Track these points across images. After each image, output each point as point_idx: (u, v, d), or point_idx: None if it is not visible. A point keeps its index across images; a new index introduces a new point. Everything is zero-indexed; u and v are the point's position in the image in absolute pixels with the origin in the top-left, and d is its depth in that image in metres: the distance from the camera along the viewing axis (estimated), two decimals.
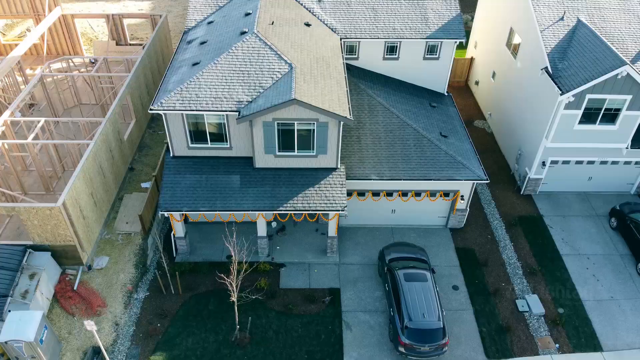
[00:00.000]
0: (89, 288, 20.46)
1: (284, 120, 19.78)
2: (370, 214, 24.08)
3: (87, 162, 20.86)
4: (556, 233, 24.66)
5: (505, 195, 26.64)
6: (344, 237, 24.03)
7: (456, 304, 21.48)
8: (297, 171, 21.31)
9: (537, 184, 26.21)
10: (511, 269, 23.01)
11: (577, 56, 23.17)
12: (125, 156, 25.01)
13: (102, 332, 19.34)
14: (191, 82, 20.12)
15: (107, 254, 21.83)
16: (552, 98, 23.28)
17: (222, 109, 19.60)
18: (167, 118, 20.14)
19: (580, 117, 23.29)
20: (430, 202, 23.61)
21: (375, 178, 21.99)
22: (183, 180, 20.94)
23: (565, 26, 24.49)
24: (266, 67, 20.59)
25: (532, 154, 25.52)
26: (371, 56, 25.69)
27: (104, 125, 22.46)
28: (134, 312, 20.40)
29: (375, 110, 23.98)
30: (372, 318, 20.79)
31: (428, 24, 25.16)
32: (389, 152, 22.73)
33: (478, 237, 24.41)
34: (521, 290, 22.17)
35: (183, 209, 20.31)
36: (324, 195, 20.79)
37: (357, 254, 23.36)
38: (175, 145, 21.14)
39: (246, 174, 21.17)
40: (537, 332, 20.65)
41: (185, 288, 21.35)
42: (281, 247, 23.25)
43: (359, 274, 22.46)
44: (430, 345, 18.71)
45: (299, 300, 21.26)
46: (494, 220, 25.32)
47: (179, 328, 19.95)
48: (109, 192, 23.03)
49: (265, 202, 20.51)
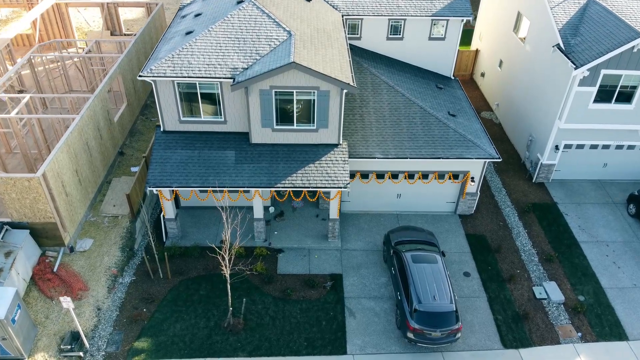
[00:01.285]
0: (70, 271, 18.86)
1: (282, 89, 18.51)
2: (374, 199, 22.61)
3: (72, 136, 19.51)
4: (572, 220, 23.14)
5: (516, 183, 25.20)
6: (346, 222, 22.52)
7: (468, 291, 19.83)
8: (297, 147, 19.93)
9: (550, 171, 24.80)
10: (526, 256, 21.43)
11: (590, 31, 22.07)
12: (115, 139, 23.69)
13: (83, 317, 17.68)
14: (183, 49, 18.93)
15: (91, 236, 20.29)
16: (565, 75, 22.08)
17: (215, 76, 18.35)
18: (158, 87, 18.87)
19: (595, 95, 22.04)
20: (439, 185, 22.17)
21: (380, 156, 20.61)
22: (173, 155, 19.56)
23: (575, 3, 23.48)
24: (263, 34, 19.44)
25: (544, 138, 24.18)
26: (374, 36, 24.60)
27: (91, 100, 21.20)
28: (118, 297, 18.75)
29: (379, 89, 22.75)
30: (378, 305, 19.13)
31: (433, 2, 24.14)
32: (394, 130, 21.40)
33: (489, 224, 22.88)
34: (538, 277, 20.55)
35: (173, 185, 18.87)
36: (325, 172, 19.37)
37: (360, 239, 21.81)
38: (166, 119, 19.82)
39: (241, 149, 19.80)
40: (557, 320, 18.97)
41: (174, 273, 19.76)
42: (279, 232, 21.71)
43: (363, 260, 20.87)
44: (442, 330, 17.02)
45: (297, 285, 19.64)
46: (506, 207, 23.83)
47: (166, 313, 18.29)
48: (95, 173, 21.62)
49: (262, 178, 19.09)
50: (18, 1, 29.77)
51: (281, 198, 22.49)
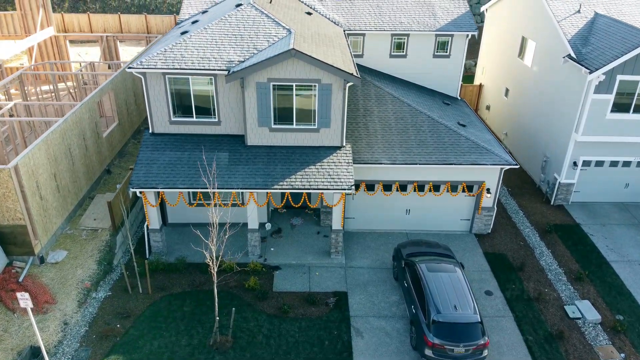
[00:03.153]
0: (38, 282, 16.54)
1: (280, 82, 17.26)
2: (381, 216, 20.64)
3: (53, 136, 17.99)
4: (599, 240, 21.02)
5: (533, 206, 23.31)
6: (351, 241, 20.39)
7: (492, 310, 17.35)
8: (296, 149, 18.35)
9: (569, 192, 23.00)
10: (553, 275, 19.12)
11: (601, 40, 21.27)
12: (102, 155, 22.13)
13: (46, 331, 15.15)
14: (177, 44, 17.93)
15: (66, 248, 18.13)
16: (579, 84, 20.98)
17: (209, 68, 17.17)
18: (147, 82, 17.62)
19: (613, 104, 20.80)
20: (451, 199, 20.29)
21: (387, 162, 18.95)
22: (161, 157, 17.92)
23: (582, 18, 22.93)
24: (262, 31, 18.53)
25: (560, 156, 22.64)
26: (377, 53, 23.84)
27: (78, 107, 19.91)
28: (89, 312, 16.29)
29: (383, 99, 21.56)
30: (389, 324, 16.62)
31: (437, 19, 23.64)
32: (401, 137, 19.93)
33: (508, 243, 20.74)
34: (568, 296, 18.14)
35: (158, 186, 17.06)
36: (327, 174, 17.64)
37: (366, 257, 19.59)
38: (155, 120, 18.40)
39: (236, 151, 18.20)
40: (595, 340, 16.37)
41: (156, 288, 17.41)
42: (276, 249, 19.54)
43: (370, 278, 18.56)
44: (465, 345, 14.49)
45: (296, 302, 17.21)
46: (525, 227, 21.78)
47: (143, 329, 15.75)
48: (77, 185, 19.84)
49: (257, 179, 17.32)
50: (16, 33, 29.52)
51: (279, 204, 20.51)
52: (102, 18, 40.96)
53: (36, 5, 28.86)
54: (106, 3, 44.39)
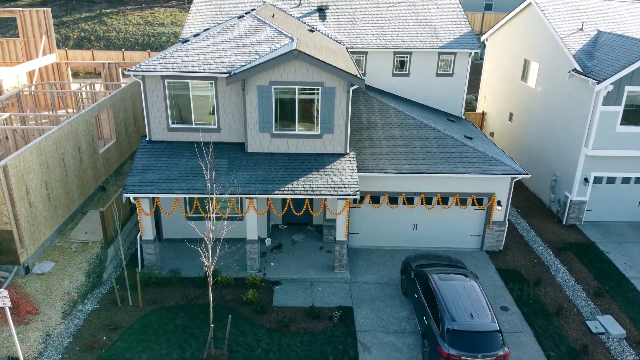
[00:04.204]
0: (21, 292, 15.39)
1: (282, 85, 16.81)
2: (387, 231, 19.67)
3: (46, 142, 17.34)
4: (616, 258, 19.94)
5: (544, 225, 22.35)
6: (356, 257, 19.33)
7: (509, 326, 16.10)
8: (298, 156, 17.67)
9: (581, 210, 22.12)
10: (571, 292, 17.95)
11: (606, 53, 21.08)
12: (97, 171, 21.41)
13: (26, 342, 13.88)
14: (177, 50, 17.63)
15: (54, 260, 17.07)
16: (587, 97, 20.59)
17: (210, 71, 16.76)
18: (146, 87, 17.17)
19: (622, 116, 20.32)
20: (461, 213, 19.40)
21: (392, 171, 18.22)
22: (158, 163, 17.21)
23: (585, 35, 22.87)
24: (264, 39, 18.29)
25: (570, 172, 21.93)
26: (379, 71, 23.60)
27: (75, 117, 19.40)
28: (74, 324, 15.04)
29: (387, 113, 21.10)
30: (399, 339, 15.34)
31: (439, 38, 23.59)
32: (406, 148, 19.29)
33: (522, 260, 19.66)
34: (589, 312, 16.92)
35: (154, 192, 16.24)
36: (331, 180, 16.87)
37: (372, 272, 18.48)
38: (153, 126, 17.81)
39: (236, 158, 17.51)
40: (621, 355, 15.08)
41: (148, 302, 16.23)
42: (276, 263, 18.46)
43: (377, 293, 17.39)
44: (484, 355, 13.23)
45: (297, 316, 15.98)
46: (538, 246, 20.74)
47: (131, 342, 14.47)
48: (69, 197, 19.00)
49: (257, 185, 16.53)
50: (18, 60, 29.53)
51: (280, 212, 19.53)
52: (105, 54, 41.40)
53: (39, 32, 29.04)
54: (110, 41, 45.04)
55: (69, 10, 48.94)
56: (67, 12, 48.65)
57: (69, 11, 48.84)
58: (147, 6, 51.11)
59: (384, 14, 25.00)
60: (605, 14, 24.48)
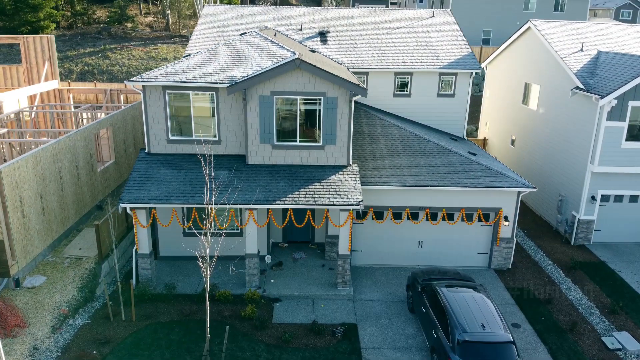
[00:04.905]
0: (9, 304, 14.67)
1: (284, 95, 16.66)
2: (391, 249, 19.07)
3: (43, 153, 17.01)
4: (628, 277, 19.25)
5: (552, 246, 21.72)
6: (360, 274, 18.64)
7: (522, 343, 15.27)
8: (300, 168, 17.31)
9: (590, 230, 21.57)
10: (584, 309, 17.20)
11: (608, 70, 21.09)
12: (95, 189, 20.98)
13: (13, 355, 13.09)
14: (179, 62, 17.58)
15: (45, 274, 16.40)
16: (591, 114, 20.44)
17: (211, 81, 16.63)
18: (147, 97, 16.99)
19: (627, 131, 20.12)
20: (467, 229, 18.85)
21: (396, 184, 17.82)
22: (156, 174, 16.81)
23: (586, 55, 22.98)
24: (266, 53, 18.26)
25: (577, 191, 21.52)
26: (381, 92, 23.56)
27: (73, 132, 19.16)
28: (64, 338, 14.25)
29: (389, 130, 20.88)
30: (406, 356, 14.53)
31: (439, 59, 23.70)
32: (410, 162, 18.96)
33: (532, 279, 18.96)
34: (604, 329, 16.14)
35: (151, 202, 15.78)
36: (334, 190, 16.44)
37: (377, 290, 17.77)
38: (153, 138, 17.53)
39: (236, 170, 17.13)
40: None
41: (142, 317, 15.47)
42: (277, 280, 17.77)
43: (382, 310, 16.64)
44: None
45: (299, 332, 15.20)
46: (547, 265, 20.08)
47: (122, 357, 13.65)
48: (64, 212, 18.50)
49: (257, 195, 16.08)
50: (20, 86, 29.63)
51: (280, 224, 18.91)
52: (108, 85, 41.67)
53: (42, 58, 29.27)
54: (113, 75, 45.53)
55: (73, 45, 49.73)
56: (72, 47, 49.43)
57: (74, 46, 49.63)
58: (150, 42, 52.01)
59: (384, 38, 25.23)
60: (604, 36, 24.72)
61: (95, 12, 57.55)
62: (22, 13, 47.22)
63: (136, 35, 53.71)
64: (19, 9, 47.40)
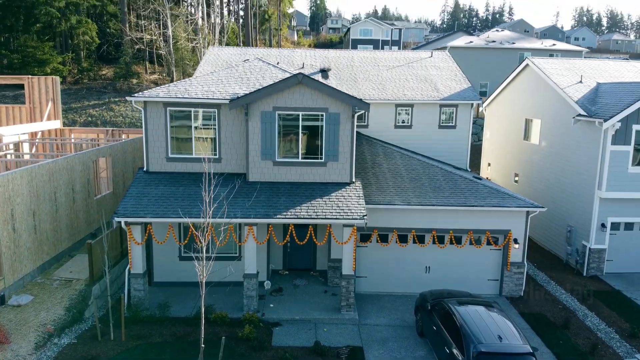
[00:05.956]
0: None
1: (286, 111, 16.54)
2: (397, 274, 18.23)
3: (39, 170, 16.63)
4: None
5: (564, 277, 20.82)
6: (365, 301, 17.67)
7: None
8: (301, 185, 16.87)
9: (602, 259, 20.78)
10: (603, 334, 16.17)
11: (609, 97, 21.18)
12: (90, 216, 20.40)
13: None
14: (181, 82, 17.62)
15: (33, 294, 15.50)
16: (595, 139, 20.28)
17: (213, 97, 16.56)
18: (147, 114, 16.85)
19: (632, 156, 19.87)
20: (476, 254, 18.11)
21: (400, 203, 17.31)
22: (154, 191, 16.34)
23: (585, 86, 23.18)
24: (268, 75, 18.37)
25: (586, 220, 20.93)
26: (382, 123, 23.54)
27: (71, 155, 18.88)
28: (47, 355, 13.19)
29: (391, 155, 20.64)
30: None
31: (440, 92, 23.89)
32: (414, 184, 18.54)
33: (546, 306, 17.99)
34: (625, 352, 15.07)
35: (147, 216, 15.21)
36: (336, 205, 15.92)
37: (383, 315, 16.77)
38: (152, 156, 17.21)
39: (236, 187, 16.66)
40: None
41: (132, 337, 14.44)
42: (276, 305, 16.81)
43: (390, 334, 15.61)
44: None
45: (301, 354, 14.13)
46: (561, 294, 19.13)
47: None
48: (57, 235, 17.83)
49: (258, 210, 15.55)
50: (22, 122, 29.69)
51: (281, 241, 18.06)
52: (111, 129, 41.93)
53: (46, 99, 29.56)
54: (116, 125, 46.00)
55: (78, 98, 50.68)
56: (77, 100, 50.36)
57: (79, 99, 50.56)
58: None
59: (384, 74, 25.60)
60: (602, 70, 25.08)
61: (102, 69, 59.15)
62: (29, 67, 48.38)
63: (141, 89, 54.86)
64: (26, 63, 48.68)
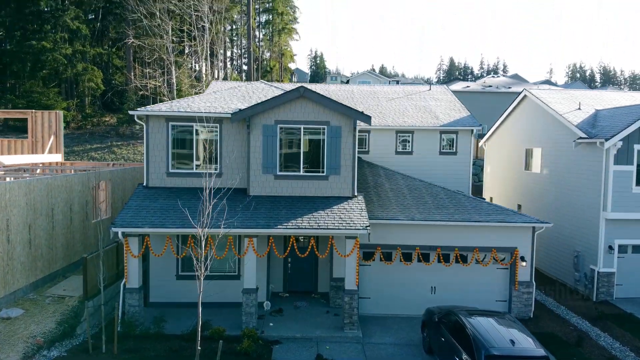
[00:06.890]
0: None
1: (288, 124, 16.57)
2: (402, 295, 17.64)
3: (37, 184, 16.42)
4: None
5: (574, 302, 20.14)
6: (369, 323, 16.96)
7: None
8: (302, 198, 16.62)
9: (611, 283, 20.19)
10: (618, 352, 15.47)
11: (608, 120, 21.34)
12: (87, 239, 19.95)
13: None
14: (184, 98, 17.77)
15: (24, 308, 14.87)
16: (597, 159, 20.21)
17: (215, 112, 16.62)
18: (149, 128, 16.90)
19: (636, 176, 19.76)
20: (482, 272, 17.59)
21: (404, 219, 17.00)
22: (153, 204, 16.08)
23: (584, 113, 23.39)
24: (270, 93, 18.56)
25: (593, 243, 20.51)
26: (383, 150, 23.56)
27: (71, 174, 18.74)
28: None
29: (393, 177, 20.51)
30: None
31: (439, 119, 24.09)
32: (417, 202, 18.29)
33: (557, 327, 17.30)
34: None
35: (145, 226, 14.88)
36: (339, 217, 15.61)
37: (389, 335, 16.07)
38: (152, 171, 17.07)
39: (237, 200, 16.41)
40: None
41: (124, 351, 13.74)
42: (276, 324, 16.12)
43: (395, 352, 14.90)
44: None
45: None
46: (571, 317, 18.44)
47: None
48: (52, 253, 17.37)
49: (258, 221, 15.24)
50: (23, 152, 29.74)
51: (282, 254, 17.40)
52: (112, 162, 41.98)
53: (48, 133, 29.75)
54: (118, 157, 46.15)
55: (81, 142, 51.12)
56: (79, 143, 50.78)
57: (81, 142, 51.00)
58: None
59: (384, 105, 25.91)
60: (599, 99, 25.41)
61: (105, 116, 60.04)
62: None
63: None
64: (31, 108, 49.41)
